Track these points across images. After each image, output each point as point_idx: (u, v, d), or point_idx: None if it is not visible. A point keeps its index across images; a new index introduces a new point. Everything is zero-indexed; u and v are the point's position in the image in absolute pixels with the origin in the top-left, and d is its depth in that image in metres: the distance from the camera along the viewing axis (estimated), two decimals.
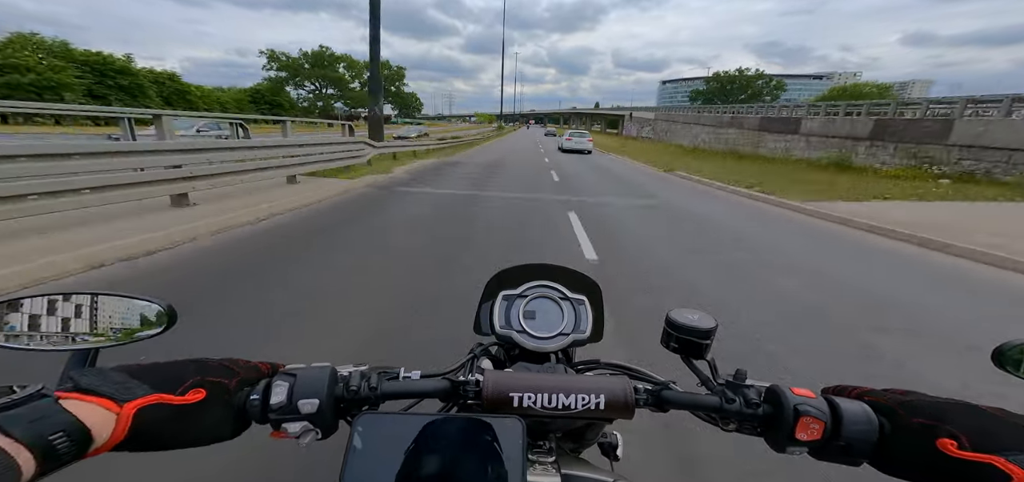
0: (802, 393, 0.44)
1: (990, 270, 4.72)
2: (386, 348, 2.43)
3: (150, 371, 0.39)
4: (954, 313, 3.45)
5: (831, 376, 1.15)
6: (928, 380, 2.42)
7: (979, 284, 4.26)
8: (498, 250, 4.58)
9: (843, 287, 3.95)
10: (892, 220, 6.58)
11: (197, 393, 0.38)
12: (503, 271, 0.70)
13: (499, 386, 0.44)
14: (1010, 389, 1.60)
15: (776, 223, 6.95)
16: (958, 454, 0.35)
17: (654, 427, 1.80)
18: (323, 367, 0.45)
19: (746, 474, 1.64)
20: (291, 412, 0.41)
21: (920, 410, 0.39)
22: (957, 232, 5.78)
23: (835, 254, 5.23)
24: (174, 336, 0.48)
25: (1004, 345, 0.47)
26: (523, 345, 0.61)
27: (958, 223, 6.40)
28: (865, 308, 3.43)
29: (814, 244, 5.70)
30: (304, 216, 5.73)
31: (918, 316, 3.32)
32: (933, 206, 8.03)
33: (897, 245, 5.71)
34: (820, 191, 9.48)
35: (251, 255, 4.06)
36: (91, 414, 0.32)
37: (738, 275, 4.16)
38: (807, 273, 4.32)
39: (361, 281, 3.50)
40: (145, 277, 3.39)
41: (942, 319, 3.30)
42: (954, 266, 4.84)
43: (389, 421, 0.40)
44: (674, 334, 0.52)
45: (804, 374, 2.41)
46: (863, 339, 2.88)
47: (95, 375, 0.36)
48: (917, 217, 6.87)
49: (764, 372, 1.88)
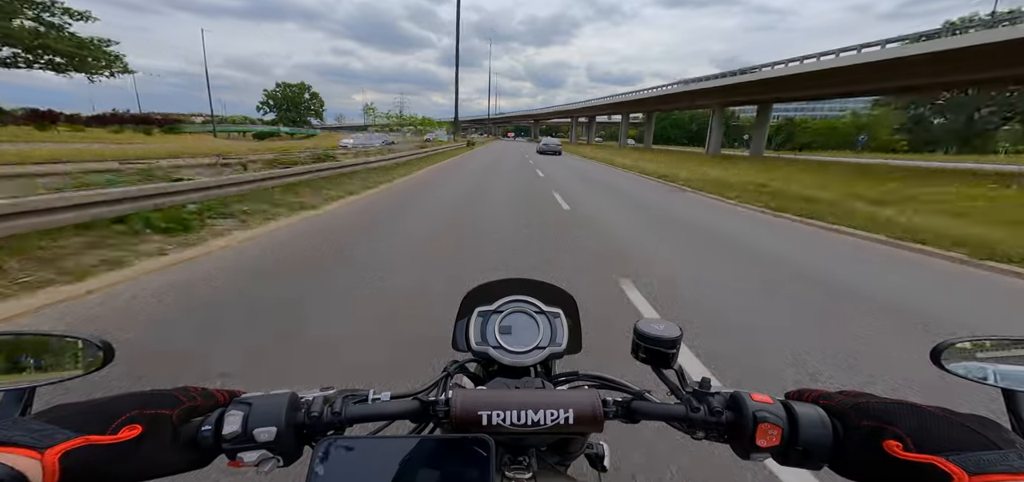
0: (761, 399, 0.44)
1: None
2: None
3: (77, 412, 0.37)
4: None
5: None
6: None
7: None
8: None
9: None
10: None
11: (131, 429, 0.37)
12: (477, 287, 0.71)
13: (467, 405, 0.43)
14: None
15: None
16: (903, 455, 0.35)
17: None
18: (282, 394, 0.44)
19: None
20: (246, 441, 0.40)
21: (868, 412, 0.39)
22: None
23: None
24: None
25: (941, 343, 0.47)
26: (500, 360, 0.61)
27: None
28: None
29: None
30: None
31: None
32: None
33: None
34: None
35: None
36: (17, 463, 0.31)
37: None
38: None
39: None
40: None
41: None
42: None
43: (353, 445, 0.39)
44: (642, 345, 0.52)
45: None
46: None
47: (10, 424, 0.34)
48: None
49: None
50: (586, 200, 9.56)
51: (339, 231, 5.62)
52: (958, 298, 4.17)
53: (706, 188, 12.36)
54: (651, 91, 49.31)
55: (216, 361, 2.32)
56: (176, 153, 16.94)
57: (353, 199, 8.15)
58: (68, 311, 2.92)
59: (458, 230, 5.90)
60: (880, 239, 6.49)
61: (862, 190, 11.57)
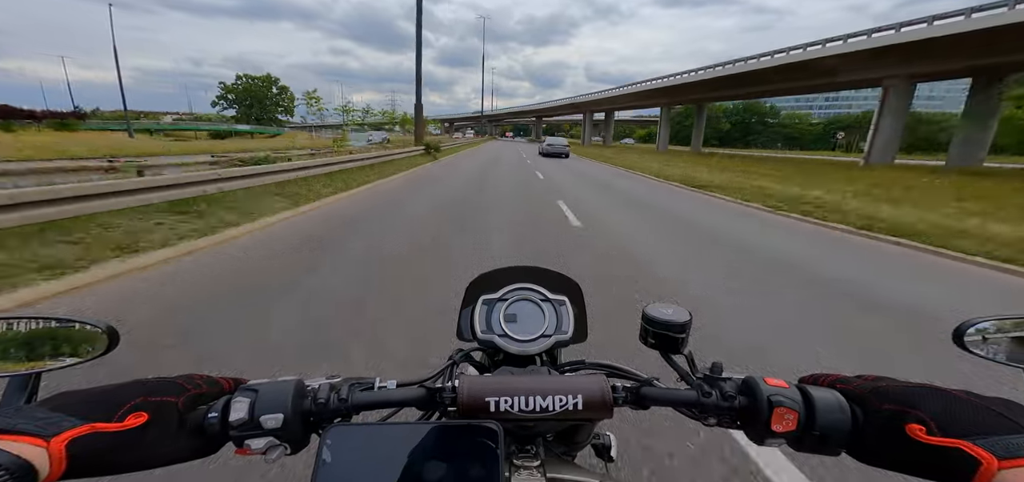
0: (776, 383, 0.43)
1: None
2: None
3: (83, 399, 0.37)
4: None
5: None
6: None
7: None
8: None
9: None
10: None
11: (138, 417, 0.37)
12: (482, 276, 0.70)
13: (475, 392, 0.43)
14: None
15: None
16: (927, 439, 0.34)
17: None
18: (288, 381, 0.44)
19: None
20: (253, 428, 0.40)
21: (889, 396, 0.38)
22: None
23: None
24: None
25: (963, 324, 0.46)
26: (506, 349, 0.61)
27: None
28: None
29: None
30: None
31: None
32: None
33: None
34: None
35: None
36: (23, 451, 0.31)
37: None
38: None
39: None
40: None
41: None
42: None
43: (360, 432, 0.39)
44: (651, 330, 0.52)
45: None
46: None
47: (15, 412, 0.34)
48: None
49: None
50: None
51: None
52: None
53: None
54: (602, 92, 56.17)
55: None
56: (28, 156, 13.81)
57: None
58: None
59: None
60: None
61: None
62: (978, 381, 2.30)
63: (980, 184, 13.01)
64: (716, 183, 12.54)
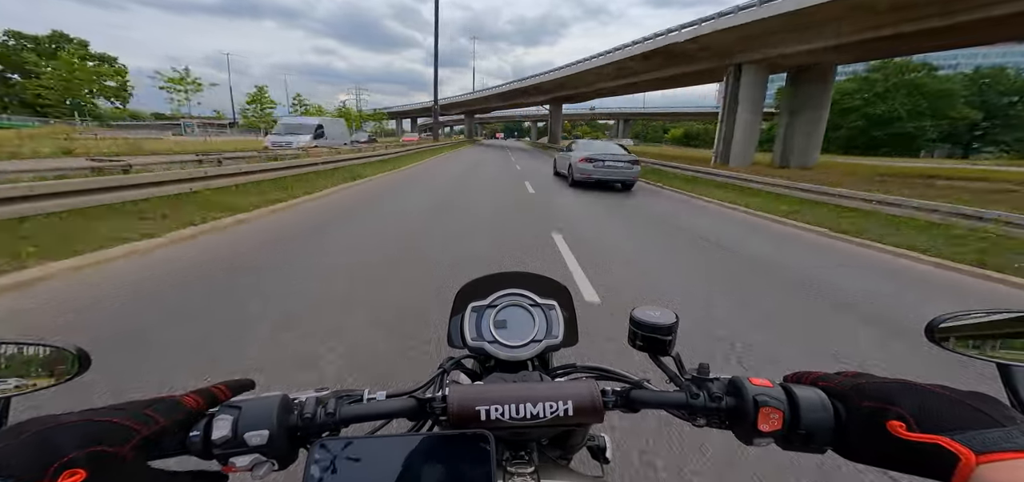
0: (760, 383, 0.44)
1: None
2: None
3: (15, 450, 0.30)
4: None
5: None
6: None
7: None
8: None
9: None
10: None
11: (72, 476, 0.30)
12: (470, 283, 0.70)
13: (465, 401, 0.42)
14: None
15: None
16: (907, 436, 0.34)
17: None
18: (273, 396, 0.43)
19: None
20: (237, 445, 0.39)
21: (869, 393, 0.39)
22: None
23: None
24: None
25: (936, 320, 0.46)
26: (496, 355, 0.61)
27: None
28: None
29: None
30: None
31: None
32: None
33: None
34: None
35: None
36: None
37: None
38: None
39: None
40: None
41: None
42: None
43: (348, 446, 0.38)
44: (639, 333, 0.52)
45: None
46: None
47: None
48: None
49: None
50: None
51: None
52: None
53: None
54: (489, 90, 55.37)
55: None
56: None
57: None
58: None
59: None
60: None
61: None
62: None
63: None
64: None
